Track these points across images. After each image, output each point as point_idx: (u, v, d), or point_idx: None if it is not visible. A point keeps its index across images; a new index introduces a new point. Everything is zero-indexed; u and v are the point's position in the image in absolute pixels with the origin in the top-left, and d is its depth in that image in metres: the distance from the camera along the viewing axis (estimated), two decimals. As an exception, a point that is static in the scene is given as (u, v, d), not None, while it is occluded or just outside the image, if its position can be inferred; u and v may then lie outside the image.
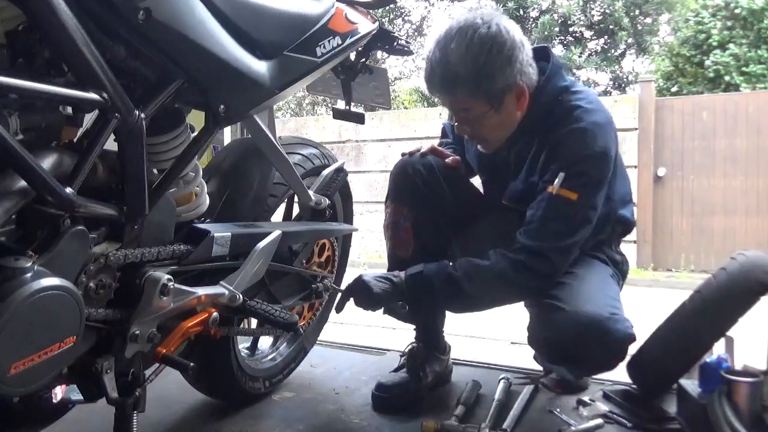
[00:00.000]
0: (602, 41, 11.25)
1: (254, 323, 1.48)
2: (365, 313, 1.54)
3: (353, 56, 1.56)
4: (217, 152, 1.94)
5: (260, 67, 1.15)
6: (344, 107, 1.69)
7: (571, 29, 11.11)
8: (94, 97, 0.83)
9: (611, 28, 10.69)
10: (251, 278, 1.25)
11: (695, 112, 6.68)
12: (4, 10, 0.79)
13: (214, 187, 1.33)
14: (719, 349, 1.44)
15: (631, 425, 1.47)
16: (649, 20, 11.13)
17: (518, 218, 1.45)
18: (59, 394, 1.12)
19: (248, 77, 1.11)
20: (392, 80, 12.32)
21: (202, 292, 1.14)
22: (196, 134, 1.12)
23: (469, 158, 1.69)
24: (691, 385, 1.43)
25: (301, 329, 1.63)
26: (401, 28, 12.79)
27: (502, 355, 3.13)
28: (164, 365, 1.10)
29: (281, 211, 1.59)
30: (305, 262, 1.57)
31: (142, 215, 0.99)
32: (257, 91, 1.16)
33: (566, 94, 1.44)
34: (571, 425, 1.47)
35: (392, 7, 11.37)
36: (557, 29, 10.67)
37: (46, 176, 0.78)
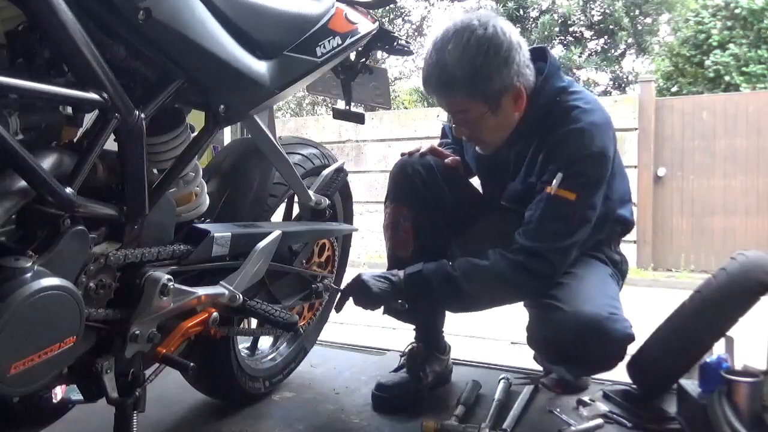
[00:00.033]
0: (602, 41, 11.25)
1: (254, 323, 1.48)
2: (365, 313, 1.54)
3: (353, 56, 1.56)
4: (217, 152, 1.94)
5: (260, 67, 1.15)
6: (344, 107, 1.69)
7: (571, 29, 11.10)
8: (94, 97, 0.83)
9: (611, 28, 10.68)
10: (251, 278, 1.25)
11: (695, 112, 6.68)
12: (4, 10, 0.79)
13: (214, 187, 1.33)
14: (719, 349, 1.44)
15: (631, 425, 1.47)
16: (649, 20, 11.13)
17: (518, 218, 1.45)
18: (59, 394, 1.12)
19: (248, 77, 1.11)
20: (392, 80, 12.32)
21: (202, 292, 1.14)
22: (196, 134, 1.12)
23: (468, 159, 1.69)
24: (691, 385, 1.43)
25: (301, 329, 1.63)
26: (401, 28, 12.78)
27: (502, 355, 3.13)
28: (164, 365, 1.10)
29: (281, 211, 1.59)
30: (305, 262, 1.57)
31: (142, 215, 0.99)
32: (257, 91, 1.16)
33: (564, 94, 1.44)
34: (571, 425, 1.47)
35: (392, 7, 11.36)
36: (557, 29, 10.66)
37: (46, 176, 0.78)
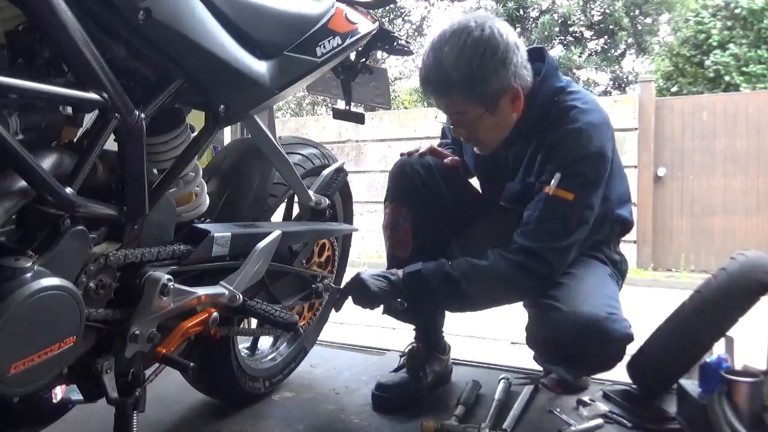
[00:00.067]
0: (602, 41, 11.25)
1: (254, 323, 1.48)
2: (365, 313, 1.54)
3: (353, 56, 1.56)
4: (217, 152, 1.94)
5: (260, 67, 1.15)
6: (344, 107, 1.69)
7: (571, 29, 11.10)
8: (94, 97, 0.83)
9: (611, 28, 10.69)
10: (251, 278, 1.25)
11: (695, 112, 6.67)
12: (4, 10, 0.79)
13: (214, 187, 1.33)
14: (719, 349, 1.44)
15: (631, 425, 1.47)
16: (649, 20, 11.13)
17: (517, 218, 1.45)
18: (59, 394, 1.12)
19: (248, 77, 1.11)
20: (392, 80, 12.32)
21: (202, 292, 1.14)
22: (196, 134, 1.12)
23: (466, 159, 1.69)
24: (691, 385, 1.43)
25: (301, 329, 1.63)
26: (401, 28, 12.78)
27: (502, 355, 3.13)
28: (164, 365, 1.10)
29: (281, 211, 1.59)
30: (305, 262, 1.57)
31: (142, 215, 0.99)
32: (257, 91, 1.16)
33: (562, 94, 1.44)
34: (571, 425, 1.47)
35: (392, 7, 11.36)
36: (557, 29, 10.67)
37: (46, 176, 0.78)
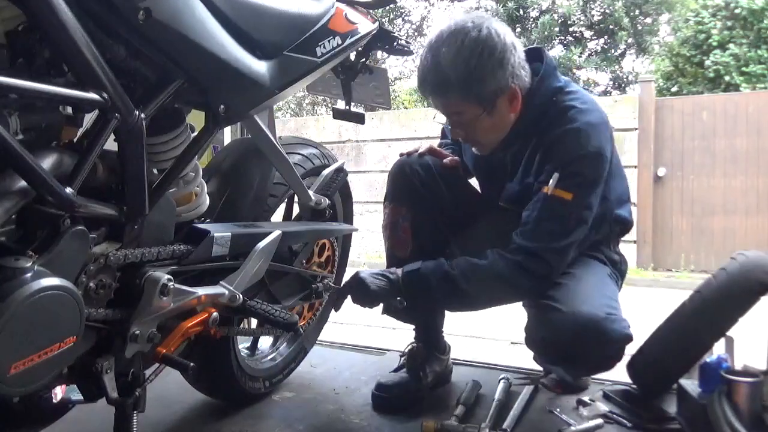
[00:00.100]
0: (602, 41, 11.25)
1: (254, 323, 1.48)
2: (365, 313, 1.54)
3: (353, 56, 1.56)
4: (217, 152, 1.94)
5: (260, 67, 1.15)
6: (344, 107, 1.69)
7: (571, 29, 11.10)
8: (94, 97, 0.83)
9: (611, 28, 10.68)
10: (251, 278, 1.25)
11: (695, 112, 6.67)
12: (4, 10, 0.79)
13: (214, 187, 1.33)
14: (719, 349, 1.44)
15: (631, 425, 1.47)
16: (649, 20, 11.13)
17: (516, 219, 1.45)
18: (59, 394, 1.12)
19: (248, 77, 1.11)
20: (392, 80, 12.32)
21: (202, 292, 1.14)
22: (196, 134, 1.12)
23: (466, 159, 1.69)
24: (691, 385, 1.43)
25: (301, 329, 1.63)
26: (401, 28, 12.78)
27: (502, 355, 3.13)
28: (164, 365, 1.10)
29: (281, 211, 1.59)
30: (305, 262, 1.57)
31: (142, 215, 0.99)
32: (257, 91, 1.16)
33: (560, 94, 1.44)
34: (571, 425, 1.47)
35: (392, 7, 11.36)
36: (557, 29, 10.66)
37: (46, 176, 0.78)
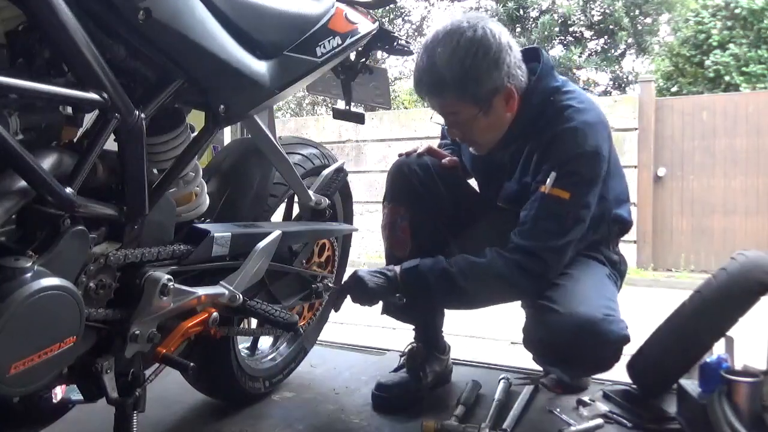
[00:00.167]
0: (602, 41, 11.25)
1: (254, 323, 1.48)
2: (365, 313, 1.54)
3: (353, 56, 1.56)
4: (217, 152, 1.94)
5: (260, 67, 1.15)
6: (344, 107, 1.69)
7: (571, 29, 11.11)
8: (94, 97, 0.83)
9: (611, 28, 10.69)
10: (251, 278, 1.25)
11: (695, 112, 6.67)
12: (4, 10, 0.79)
13: (214, 187, 1.33)
14: (719, 349, 1.44)
15: (631, 425, 1.47)
16: (649, 20, 11.13)
17: (514, 218, 1.45)
18: (59, 394, 1.12)
19: (248, 77, 1.11)
20: (392, 80, 12.32)
21: (202, 292, 1.14)
22: (196, 134, 1.12)
23: (464, 160, 1.69)
24: (691, 385, 1.43)
25: (301, 329, 1.63)
26: (401, 28, 12.78)
27: (502, 355, 3.13)
28: (164, 365, 1.10)
29: (281, 211, 1.59)
30: (305, 262, 1.57)
31: (142, 215, 0.99)
32: (257, 91, 1.16)
33: (558, 94, 1.44)
34: (571, 425, 1.47)
35: (392, 7, 11.36)
36: (557, 29, 10.67)
37: (46, 176, 0.78)
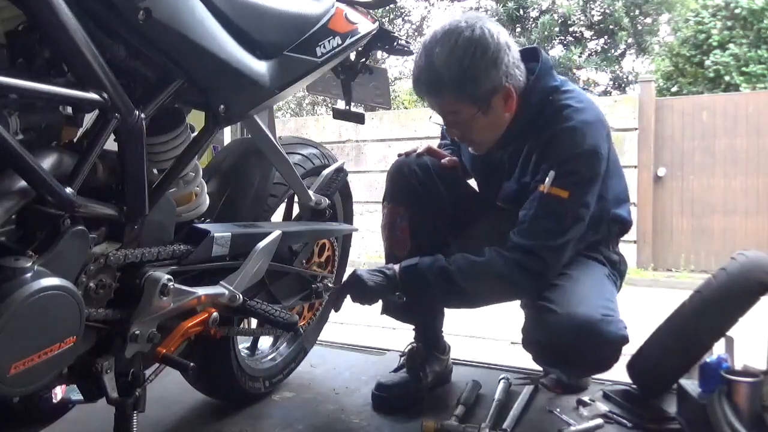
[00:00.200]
0: (602, 41, 11.25)
1: (254, 323, 1.48)
2: (365, 313, 1.54)
3: (353, 56, 1.56)
4: (217, 152, 1.94)
5: (260, 67, 1.15)
6: (344, 107, 1.69)
7: (571, 29, 11.10)
8: (94, 97, 0.83)
9: (611, 28, 10.68)
10: (251, 278, 1.25)
11: (695, 112, 6.67)
12: (4, 10, 0.79)
13: (214, 187, 1.33)
14: (719, 349, 1.44)
15: (631, 425, 1.47)
16: (649, 20, 11.13)
17: (514, 218, 1.45)
18: (59, 394, 1.12)
19: (248, 77, 1.11)
20: (392, 80, 12.32)
21: (202, 292, 1.14)
22: (196, 134, 1.12)
23: (464, 160, 1.69)
24: (691, 385, 1.43)
25: (301, 329, 1.63)
26: (401, 28, 12.78)
27: (502, 355, 3.13)
28: (164, 365, 1.10)
29: (281, 211, 1.59)
30: (305, 262, 1.57)
31: (142, 215, 0.99)
32: (257, 91, 1.16)
33: (556, 93, 1.44)
34: (571, 425, 1.47)
35: (392, 7, 11.36)
36: (557, 29, 10.66)
37: (46, 176, 0.78)
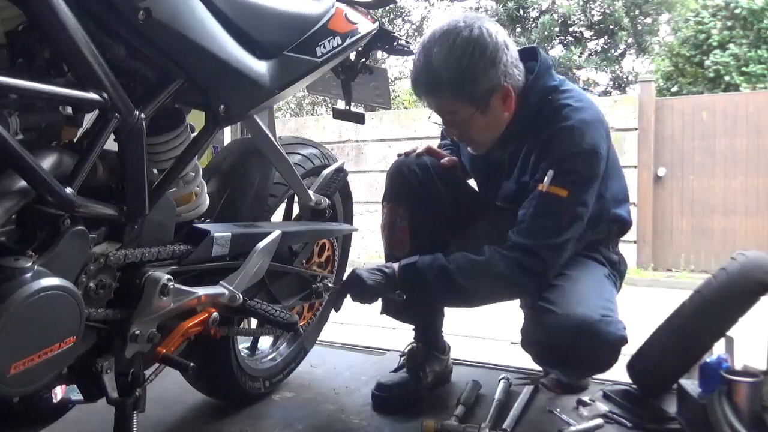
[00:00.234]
0: (602, 41, 11.25)
1: (254, 323, 1.48)
2: (365, 313, 1.54)
3: (353, 56, 1.56)
4: (217, 152, 1.94)
5: (260, 67, 1.15)
6: (344, 107, 1.69)
7: (571, 29, 11.10)
8: (94, 97, 0.83)
9: (611, 28, 10.68)
10: (251, 278, 1.25)
11: (695, 112, 6.67)
12: (4, 10, 0.79)
13: (214, 187, 1.33)
14: (719, 349, 1.44)
15: (631, 425, 1.47)
16: (649, 20, 11.13)
17: (514, 218, 1.45)
18: (59, 394, 1.12)
19: (248, 77, 1.11)
20: (392, 80, 12.31)
21: (202, 292, 1.14)
22: (196, 134, 1.12)
23: (464, 160, 1.69)
24: (691, 385, 1.43)
25: (301, 329, 1.63)
26: (401, 28, 12.78)
27: (502, 355, 3.12)
28: (164, 365, 1.10)
29: (281, 211, 1.59)
30: (305, 262, 1.57)
31: (142, 215, 0.99)
32: (257, 91, 1.16)
33: (555, 93, 1.44)
34: (571, 425, 1.47)
35: (392, 7, 11.36)
36: (557, 29, 10.66)
37: (46, 176, 0.78)
